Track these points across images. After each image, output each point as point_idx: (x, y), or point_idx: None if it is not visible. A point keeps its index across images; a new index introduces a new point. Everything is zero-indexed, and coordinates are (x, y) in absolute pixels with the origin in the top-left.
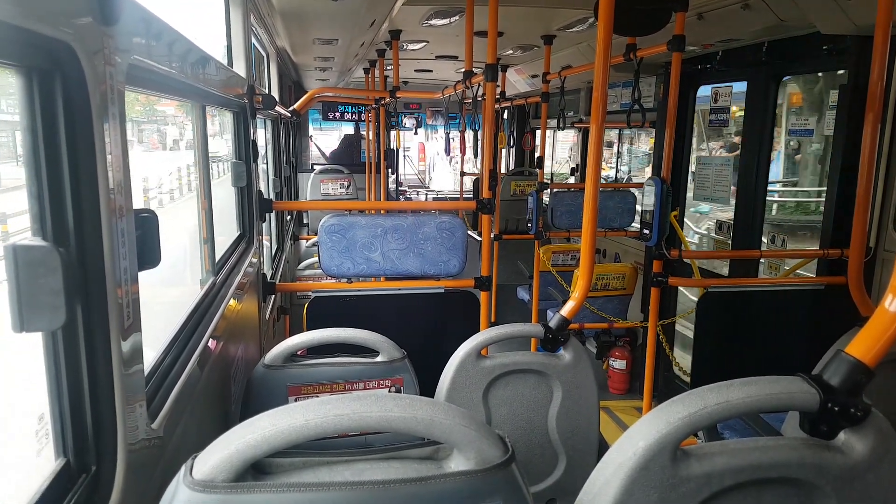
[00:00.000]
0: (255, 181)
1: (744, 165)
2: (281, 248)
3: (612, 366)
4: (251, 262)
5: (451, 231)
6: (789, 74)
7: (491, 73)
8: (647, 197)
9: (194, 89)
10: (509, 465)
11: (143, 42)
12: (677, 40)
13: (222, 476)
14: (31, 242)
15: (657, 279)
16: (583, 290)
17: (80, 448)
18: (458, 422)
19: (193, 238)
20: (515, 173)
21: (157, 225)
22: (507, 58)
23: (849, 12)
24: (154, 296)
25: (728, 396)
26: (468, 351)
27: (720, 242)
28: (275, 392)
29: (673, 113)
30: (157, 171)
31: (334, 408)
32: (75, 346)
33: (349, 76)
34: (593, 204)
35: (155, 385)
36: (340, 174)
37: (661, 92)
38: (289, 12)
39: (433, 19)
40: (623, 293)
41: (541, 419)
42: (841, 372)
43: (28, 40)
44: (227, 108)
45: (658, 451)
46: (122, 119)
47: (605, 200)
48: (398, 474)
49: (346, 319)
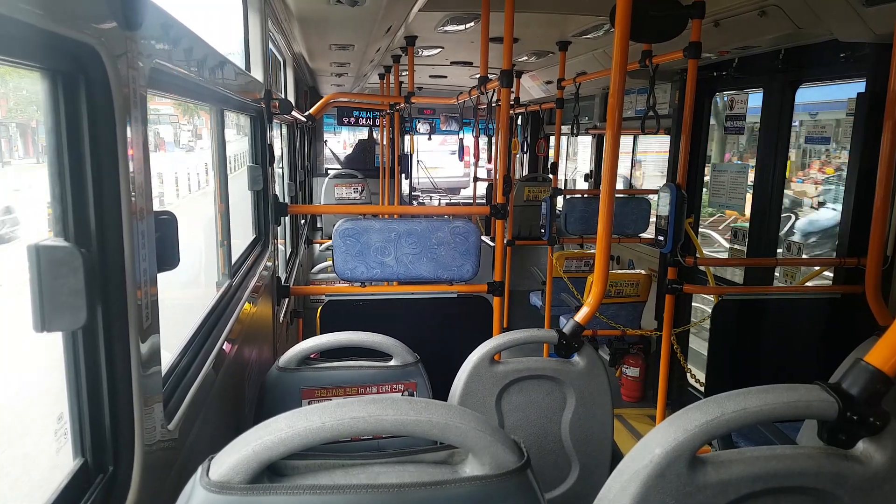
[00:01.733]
0: (271, 185)
1: (760, 173)
2: (295, 252)
3: (625, 373)
4: (266, 265)
5: (465, 236)
6: (806, 82)
7: (506, 78)
8: (662, 203)
9: (213, 93)
10: (524, 470)
11: (165, 46)
12: (693, 47)
13: (238, 477)
14: (54, 243)
15: (672, 286)
16: (597, 297)
17: (97, 448)
18: (473, 426)
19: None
20: (529, 179)
21: (176, 227)
22: (522, 64)
23: (867, 20)
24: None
25: (745, 404)
26: (481, 356)
27: (735, 250)
28: (288, 395)
29: (689, 119)
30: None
31: (350, 410)
32: (95, 347)
33: (364, 81)
34: (608, 210)
35: (171, 386)
36: (354, 179)
37: (676, 98)
38: (306, 18)
39: (448, 25)
40: (637, 300)
41: (554, 426)
42: (860, 381)
43: (54, 44)
44: (245, 112)
45: (674, 459)
46: (144, 122)
47: (620, 207)
48: (413, 478)
49: (359, 323)
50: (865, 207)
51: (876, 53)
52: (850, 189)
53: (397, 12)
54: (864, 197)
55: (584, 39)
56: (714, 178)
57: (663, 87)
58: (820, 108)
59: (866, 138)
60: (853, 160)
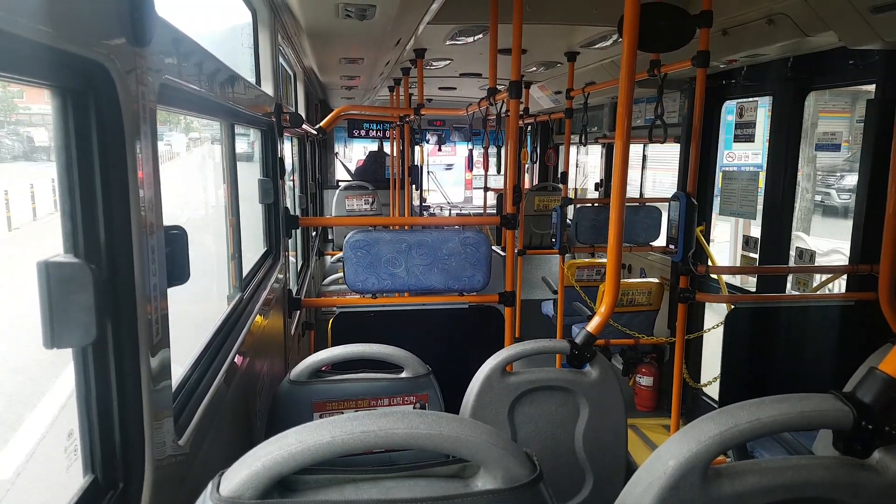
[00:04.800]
0: (282, 198)
1: (770, 180)
2: (307, 264)
3: (638, 382)
4: (277, 277)
5: (476, 246)
6: (815, 89)
7: (515, 89)
8: (673, 212)
9: (223, 108)
10: (537, 484)
11: (175, 62)
12: (702, 56)
13: (249, 493)
14: (63, 259)
15: (684, 295)
16: (609, 306)
17: (108, 464)
18: (484, 439)
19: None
20: (539, 189)
21: (186, 241)
22: (531, 74)
23: (875, 27)
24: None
25: (759, 414)
26: (493, 367)
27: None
28: (300, 408)
29: (698, 128)
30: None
31: (361, 424)
32: (105, 363)
33: (374, 94)
34: (619, 219)
35: (182, 401)
36: (365, 190)
37: (685, 107)
38: (316, 32)
39: (457, 38)
40: (649, 309)
41: (567, 437)
42: (874, 389)
43: (63, 61)
44: (255, 126)
45: (689, 470)
46: (153, 138)
47: (631, 215)
48: (424, 493)
49: (370, 335)
50: (878, 214)
51: (886, 60)
52: (861, 196)
53: (406, 25)
54: (877, 203)
55: (593, 50)
56: (726, 185)
57: (672, 95)
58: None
59: (877, 144)
60: (864, 167)
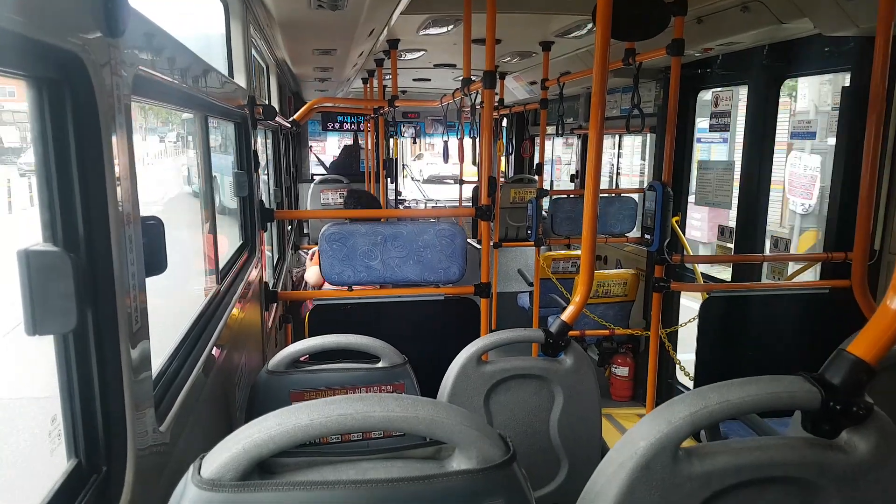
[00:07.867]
0: (257, 191)
1: (746, 169)
2: (282, 258)
3: (614, 373)
4: (253, 270)
5: (451, 238)
6: (791, 76)
7: (489, 80)
8: (649, 202)
9: (197, 100)
10: (510, 464)
11: (149, 54)
12: (676, 44)
13: (230, 475)
14: (43, 247)
15: (659, 284)
16: (583, 295)
17: (90, 449)
18: (459, 421)
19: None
20: (515, 180)
21: (163, 232)
22: (506, 65)
23: (850, 13)
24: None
25: (729, 395)
26: (469, 356)
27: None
28: (278, 397)
29: (673, 117)
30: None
31: (338, 407)
32: (86, 350)
33: (348, 86)
34: (593, 209)
35: (162, 390)
36: (340, 184)
37: (661, 96)
38: (288, 23)
39: (430, 28)
40: (624, 300)
41: (542, 424)
42: (842, 370)
43: (38, 52)
44: (229, 119)
45: (659, 451)
46: (128, 129)
47: (606, 206)
48: (401, 473)
49: (347, 327)
50: (852, 202)
51: (860, 47)
52: (836, 183)
53: (379, 15)
54: (850, 191)
55: (568, 39)
56: (701, 175)
57: (648, 85)
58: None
59: (851, 132)
60: (839, 154)
